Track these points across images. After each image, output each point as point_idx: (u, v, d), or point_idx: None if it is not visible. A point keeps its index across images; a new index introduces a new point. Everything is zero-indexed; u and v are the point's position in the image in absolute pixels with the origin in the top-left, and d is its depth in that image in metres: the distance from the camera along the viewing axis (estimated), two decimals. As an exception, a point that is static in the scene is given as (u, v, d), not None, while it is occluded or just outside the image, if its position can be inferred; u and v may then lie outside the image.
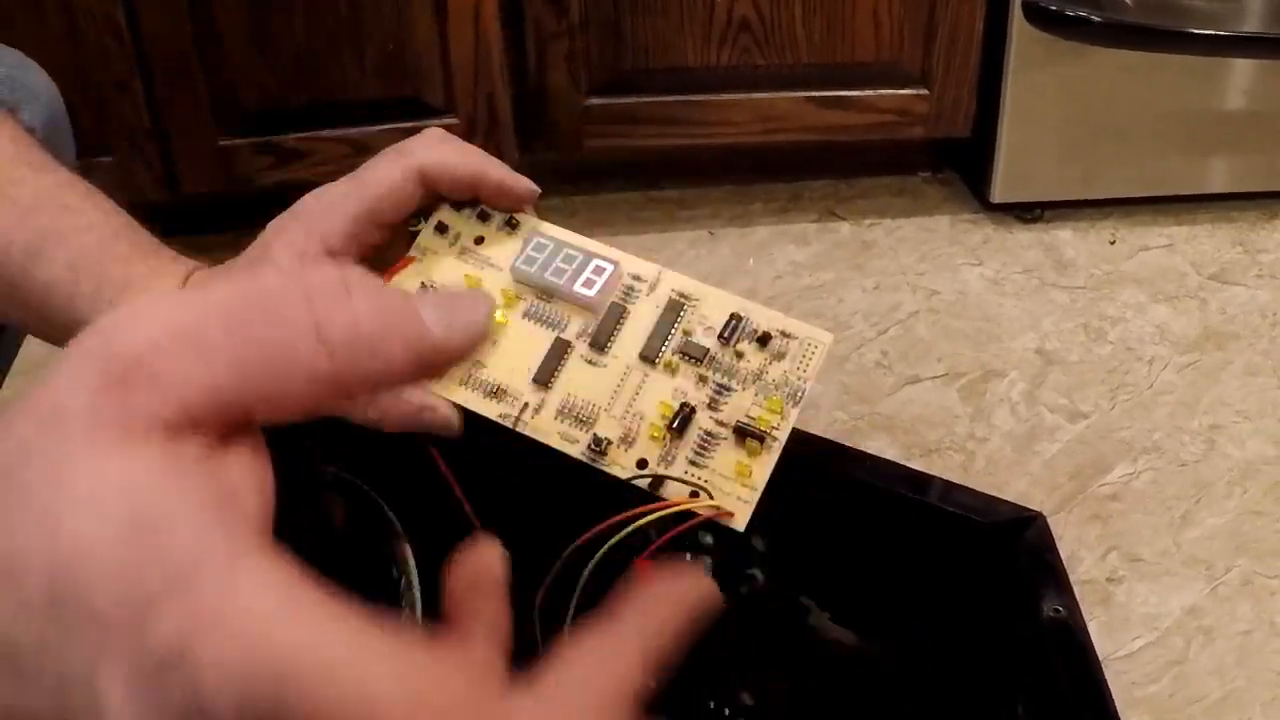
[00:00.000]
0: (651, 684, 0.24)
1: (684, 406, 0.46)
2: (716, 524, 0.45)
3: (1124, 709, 0.47)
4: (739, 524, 0.45)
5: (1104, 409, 1.38)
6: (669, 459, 0.46)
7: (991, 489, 0.63)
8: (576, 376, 0.48)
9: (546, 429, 0.47)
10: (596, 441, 0.46)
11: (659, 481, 0.46)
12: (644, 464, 0.46)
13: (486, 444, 0.48)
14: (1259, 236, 1.65)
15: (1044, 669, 0.49)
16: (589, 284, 0.48)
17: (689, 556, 0.52)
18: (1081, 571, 1.17)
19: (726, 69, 1.55)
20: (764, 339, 0.47)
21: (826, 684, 0.57)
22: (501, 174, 0.50)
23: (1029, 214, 1.67)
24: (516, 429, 0.47)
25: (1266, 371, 1.43)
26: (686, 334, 0.48)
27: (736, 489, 0.45)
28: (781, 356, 0.47)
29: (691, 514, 0.45)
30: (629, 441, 0.46)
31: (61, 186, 0.51)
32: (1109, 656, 1.09)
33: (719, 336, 0.48)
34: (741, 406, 0.46)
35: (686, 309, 0.48)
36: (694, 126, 1.58)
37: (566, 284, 0.48)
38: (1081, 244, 1.63)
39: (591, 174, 1.70)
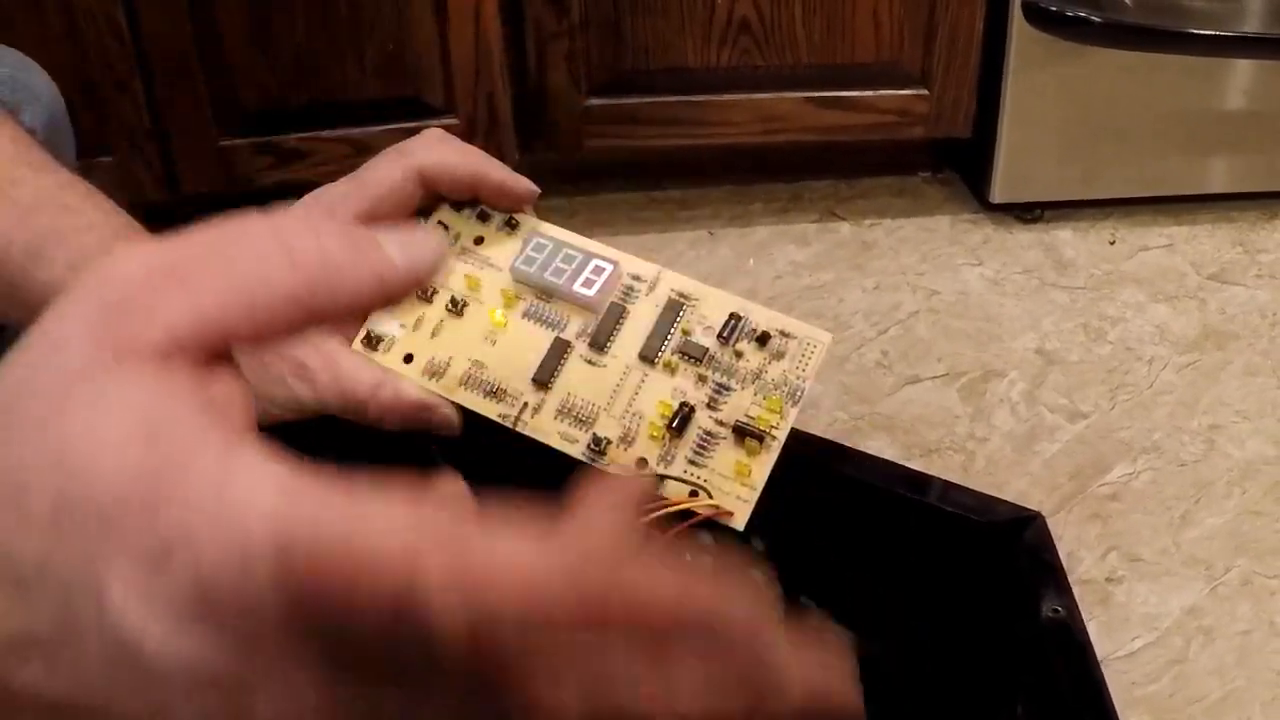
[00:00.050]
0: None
1: (683, 406, 0.46)
2: (716, 523, 0.45)
3: (1124, 709, 0.47)
4: (738, 523, 0.45)
5: (1104, 409, 1.38)
6: (668, 458, 0.46)
7: (991, 489, 0.63)
8: (576, 376, 0.48)
9: (546, 429, 0.47)
10: (596, 441, 0.46)
11: (658, 481, 0.46)
12: (643, 463, 0.46)
13: (486, 444, 0.48)
14: (1259, 236, 1.65)
15: (1043, 669, 0.49)
16: (588, 284, 0.48)
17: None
18: (1081, 571, 1.18)
19: (727, 69, 1.55)
20: (763, 338, 0.47)
21: (826, 684, 0.57)
22: (501, 174, 0.50)
23: (1029, 214, 1.67)
24: (516, 429, 0.48)
25: (1266, 371, 1.43)
26: (686, 334, 0.48)
27: (736, 488, 0.45)
28: (780, 356, 0.47)
29: (691, 513, 0.45)
30: (628, 441, 0.46)
31: (62, 187, 0.51)
32: (1109, 656, 1.09)
33: (718, 336, 0.48)
34: (741, 406, 0.46)
35: (686, 309, 0.48)
36: (694, 127, 1.58)
37: (566, 284, 0.48)
38: (1081, 244, 1.63)
39: (591, 174, 1.70)
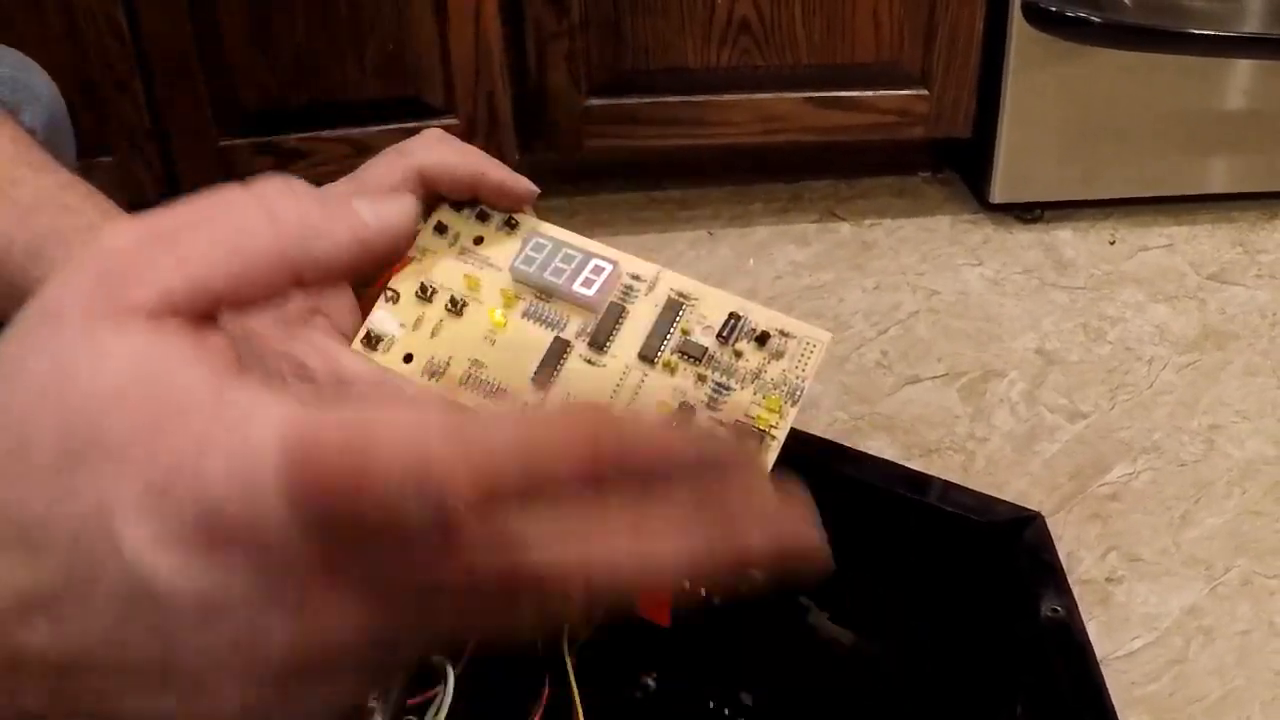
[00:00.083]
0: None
1: (683, 405, 0.46)
2: (715, 523, 0.45)
3: (1123, 708, 0.47)
4: (738, 523, 0.45)
5: (1103, 409, 1.38)
6: (668, 458, 0.46)
7: (991, 489, 0.63)
8: (575, 376, 0.48)
9: (546, 428, 0.47)
10: (596, 441, 0.46)
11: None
12: (643, 463, 0.46)
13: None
14: (1259, 236, 1.65)
15: (1043, 669, 0.49)
16: (588, 284, 0.48)
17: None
18: (1081, 571, 1.18)
19: (727, 69, 1.55)
20: (762, 338, 0.47)
21: (826, 684, 0.57)
22: (501, 174, 0.50)
23: (1029, 214, 1.67)
24: (516, 428, 0.48)
25: (1266, 371, 1.43)
26: (685, 333, 0.48)
27: (735, 488, 0.45)
28: (780, 355, 0.47)
29: (690, 513, 0.45)
30: (628, 441, 0.46)
31: (62, 187, 0.51)
32: (1108, 656, 1.09)
33: (717, 336, 0.48)
34: (740, 405, 0.46)
35: (685, 308, 0.48)
36: (694, 127, 1.58)
37: (565, 284, 0.48)
38: (1081, 244, 1.63)
39: (591, 174, 1.70)
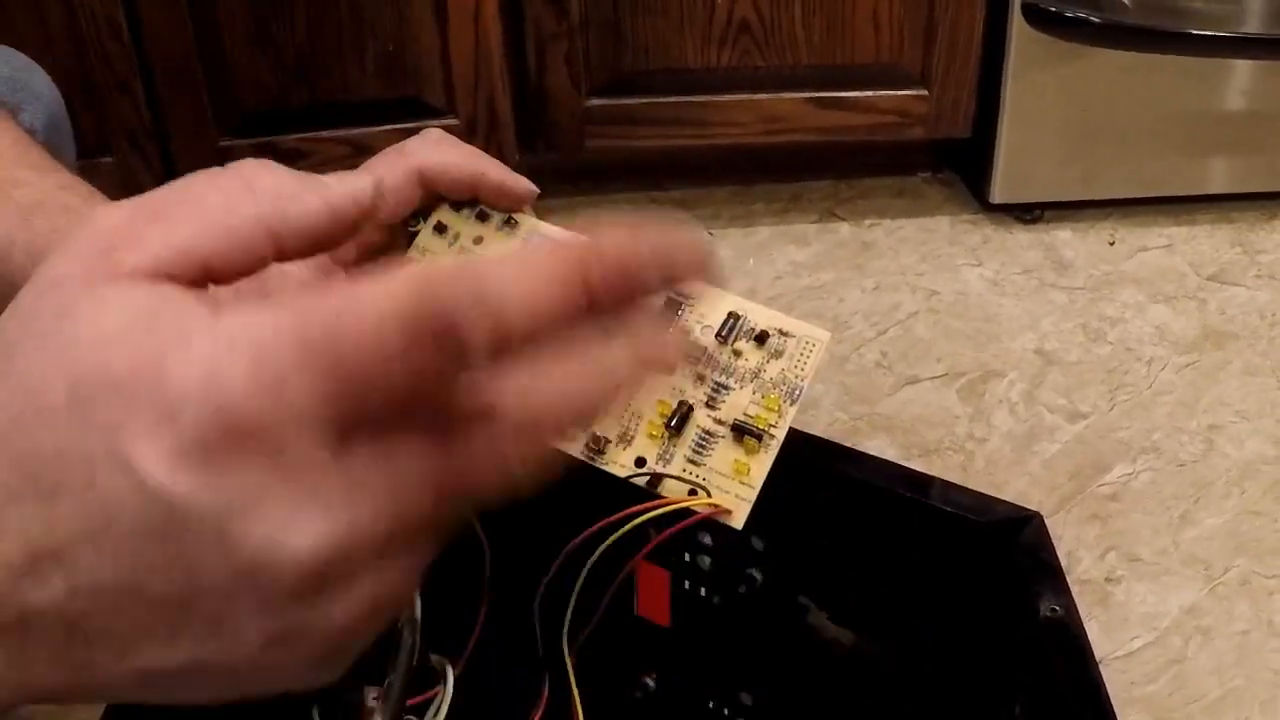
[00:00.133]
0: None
1: (682, 405, 0.47)
2: (715, 522, 0.45)
3: (1123, 708, 0.47)
4: (737, 522, 0.45)
5: (1103, 409, 1.38)
6: (667, 457, 0.46)
7: (990, 489, 0.63)
8: (575, 376, 0.48)
9: (545, 428, 0.47)
10: (595, 440, 0.46)
11: (657, 480, 0.46)
12: (642, 462, 0.46)
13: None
14: (1258, 237, 1.65)
15: (1042, 668, 0.49)
16: (588, 283, 0.48)
17: (688, 556, 0.52)
18: (1080, 571, 1.18)
19: (727, 70, 1.55)
20: (761, 337, 0.47)
21: (825, 684, 0.57)
22: (500, 175, 0.50)
23: (1028, 214, 1.67)
24: (515, 428, 0.48)
25: (1265, 372, 1.43)
26: (684, 333, 0.48)
27: (734, 487, 0.45)
28: (779, 355, 0.47)
29: (690, 512, 0.45)
30: (627, 440, 0.46)
31: (63, 188, 0.51)
32: (1108, 656, 1.09)
33: (717, 335, 0.48)
34: (739, 405, 0.46)
35: (684, 308, 0.49)
36: (694, 127, 1.58)
37: (565, 283, 0.48)
38: (1081, 244, 1.63)
39: (592, 174, 1.70)
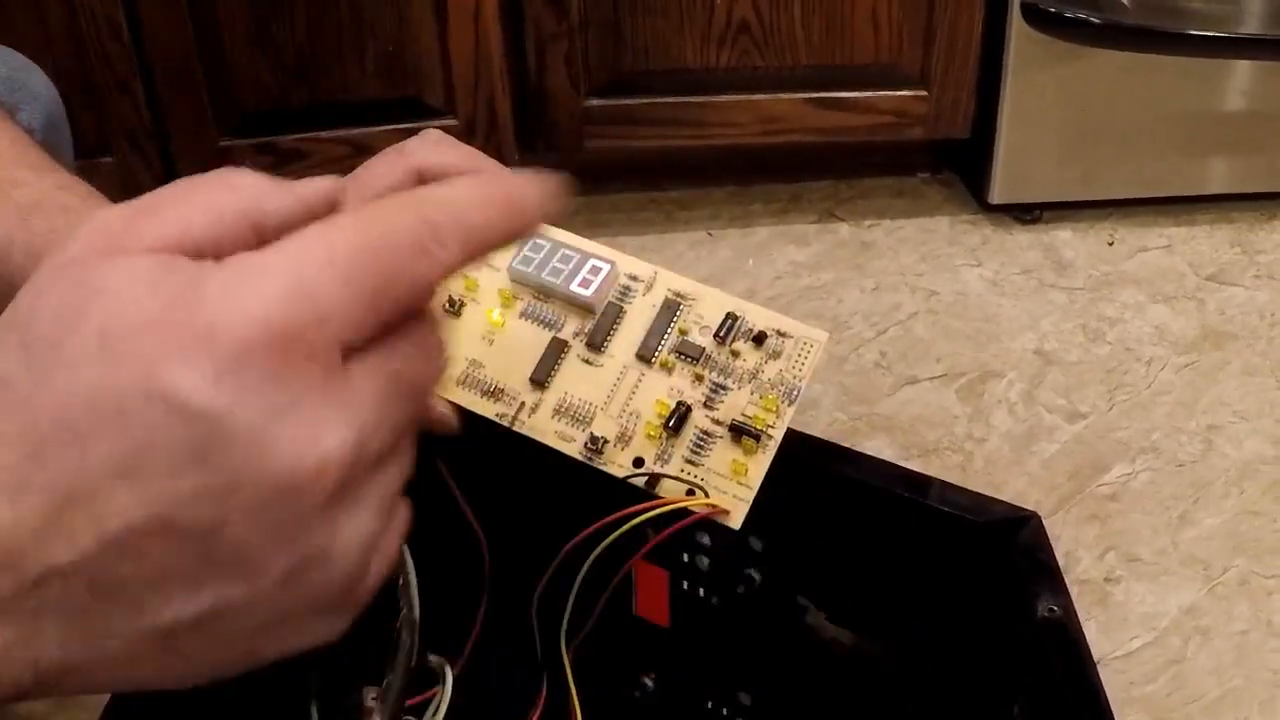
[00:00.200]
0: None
1: (680, 405, 0.47)
2: (713, 522, 0.45)
3: (1121, 708, 0.47)
4: (735, 522, 0.45)
5: (1102, 409, 1.38)
6: (665, 457, 0.46)
7: (989, 489, 0.63)
8: (573, 376, 0.48)
9: (543, 428, 0.47)
10: (593, 440, 0.47)
11: (655, 480, 0.46)
12: (640, 462, 0.46)
13: (484, 443, 0.48)
14: (1257, 237, 1.65)
15: (1040, 668, 0.49)
16: (585, 284, 0.49)
17: (687, 556, 0.52)
18: (1079, 571, 1.18)
19: (726, 70, 1.55)
20: (759, 338, 0.48)
21: (824, 684, 0.57)
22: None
23: (1028, 215, 1.67)
24: (514, 428, 0.48)
25: (1264, 372, 1.43)
26: (682, 333, 0.48)
27: (732, 487, 0.45)
28: (777, 355, 0.47)
29: (688, 512, 0.45)
30: (625, 440, 0.47)
31: (62, 188, 0.51)
32: (1107, 656, 1.09)
33: (715, 335, 0.48)
34: (737, 405, 0.47)
35: (682, 308, 0.49)
36: (694, 128, 1.58)
37: (563, 284, 0.49)
38: (1080, 245, 1.63)
39: (591, 175, 1.70)
